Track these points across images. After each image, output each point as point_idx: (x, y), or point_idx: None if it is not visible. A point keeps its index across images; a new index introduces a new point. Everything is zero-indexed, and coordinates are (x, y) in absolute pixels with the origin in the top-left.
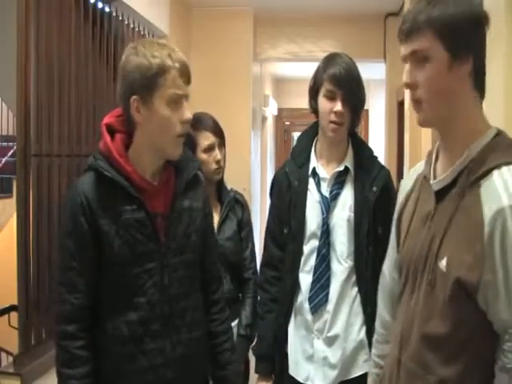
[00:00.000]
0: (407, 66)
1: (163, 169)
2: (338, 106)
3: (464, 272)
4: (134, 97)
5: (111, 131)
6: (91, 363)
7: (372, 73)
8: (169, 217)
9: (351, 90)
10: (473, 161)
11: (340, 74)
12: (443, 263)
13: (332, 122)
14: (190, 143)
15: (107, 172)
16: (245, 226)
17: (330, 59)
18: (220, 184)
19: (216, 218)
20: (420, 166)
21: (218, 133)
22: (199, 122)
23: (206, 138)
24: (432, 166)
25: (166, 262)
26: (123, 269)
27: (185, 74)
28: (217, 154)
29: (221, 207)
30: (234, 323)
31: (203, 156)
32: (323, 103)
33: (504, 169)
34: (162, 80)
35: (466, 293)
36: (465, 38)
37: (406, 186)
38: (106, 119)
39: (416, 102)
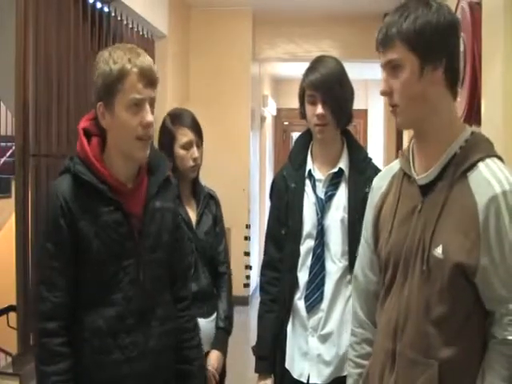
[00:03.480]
0: (384, 75)
1: (138, 171)
2: (319, 109)
3: (463, 257)
4: (99, 103)
5: (88, 134)
6: (71, 359)
7: (371, 73)
8: (142, 217)
9: (330, 91)
10: (457, 156)
11: (317, 79)
12: (438, 251)
13: (316, 124)
14: (168, 138)
15: (85, 176)
16: (219, 221)
17: (311, 65)
18: (195, 181)
19: (192, 214)
20: (394, 167)
21: (197, 131)
22: (178, 117)
23: (184, 135)
24: (411, 164)
25: (142, 259)
26: (101, 267)
27: (145, 78)
28: (194, 151)
29: (197, 203)
30: (213, 317)
31: (181, 152)
32: (307, 108)
33: (488, 160)
34: (120, 85)
35: (463, 276)
36: (434, 46)
37: (379, 186)
38: (82, 123)
39: (393, 107)
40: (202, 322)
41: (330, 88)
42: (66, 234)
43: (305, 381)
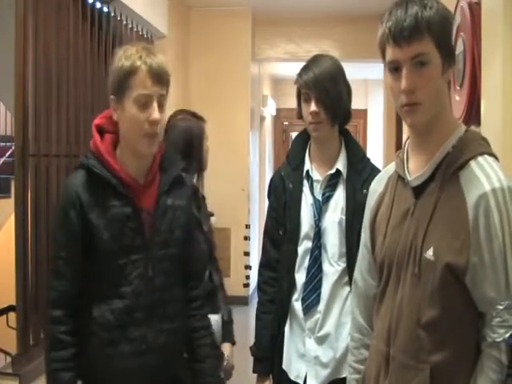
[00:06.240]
0: (405, 71)
1: (150, 168)
2: (312, 107)
3: (453, 257)
4: (112, 97)
5: (102, 131)
6: (74, 348)
7: (370, 73)
8: (154, 213)
9: (323, 89)
10: (449, 155)
11: (309, 78)
12: (429, 253)
13: (310, 122)
14: (199, 132)
15: (97, 170)
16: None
17: (305, 65)
18: None
19: None
20: (390, 169)
21: None
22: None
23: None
24: (405, 165)
25: (151, 254)
26: (110, 260)
27: (154, 75)
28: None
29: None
30: (219, 316)
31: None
32: (303, 107)
33: (479, 158)
34: (130, 81)
35: (454, 277)
36: (451, 44)
37: (376, 189)
38: (97, 120)
39: (413, 105)
40: (214, 317)
41: (323, 86)
42: (75, 225)
43: (301, 382)
